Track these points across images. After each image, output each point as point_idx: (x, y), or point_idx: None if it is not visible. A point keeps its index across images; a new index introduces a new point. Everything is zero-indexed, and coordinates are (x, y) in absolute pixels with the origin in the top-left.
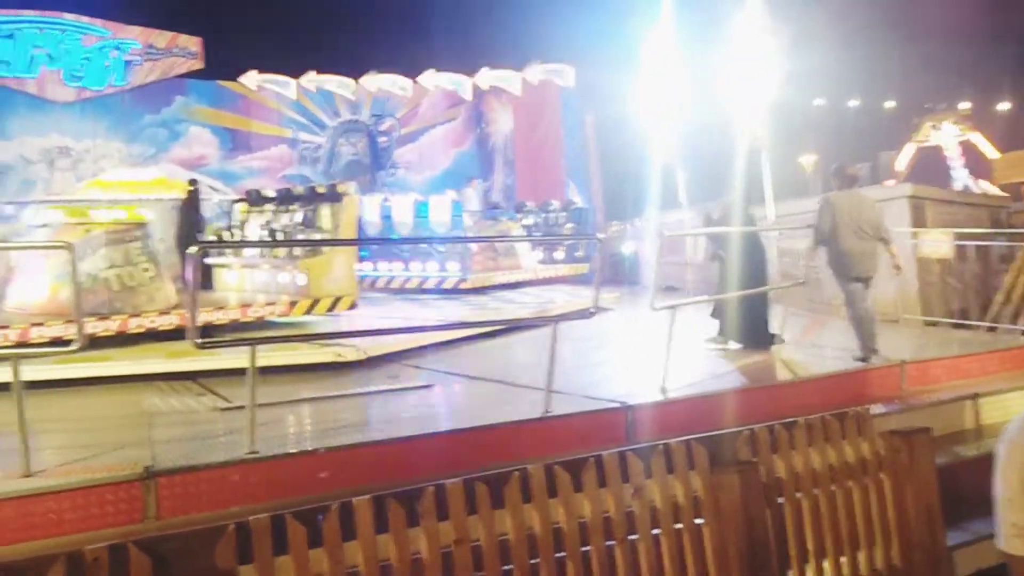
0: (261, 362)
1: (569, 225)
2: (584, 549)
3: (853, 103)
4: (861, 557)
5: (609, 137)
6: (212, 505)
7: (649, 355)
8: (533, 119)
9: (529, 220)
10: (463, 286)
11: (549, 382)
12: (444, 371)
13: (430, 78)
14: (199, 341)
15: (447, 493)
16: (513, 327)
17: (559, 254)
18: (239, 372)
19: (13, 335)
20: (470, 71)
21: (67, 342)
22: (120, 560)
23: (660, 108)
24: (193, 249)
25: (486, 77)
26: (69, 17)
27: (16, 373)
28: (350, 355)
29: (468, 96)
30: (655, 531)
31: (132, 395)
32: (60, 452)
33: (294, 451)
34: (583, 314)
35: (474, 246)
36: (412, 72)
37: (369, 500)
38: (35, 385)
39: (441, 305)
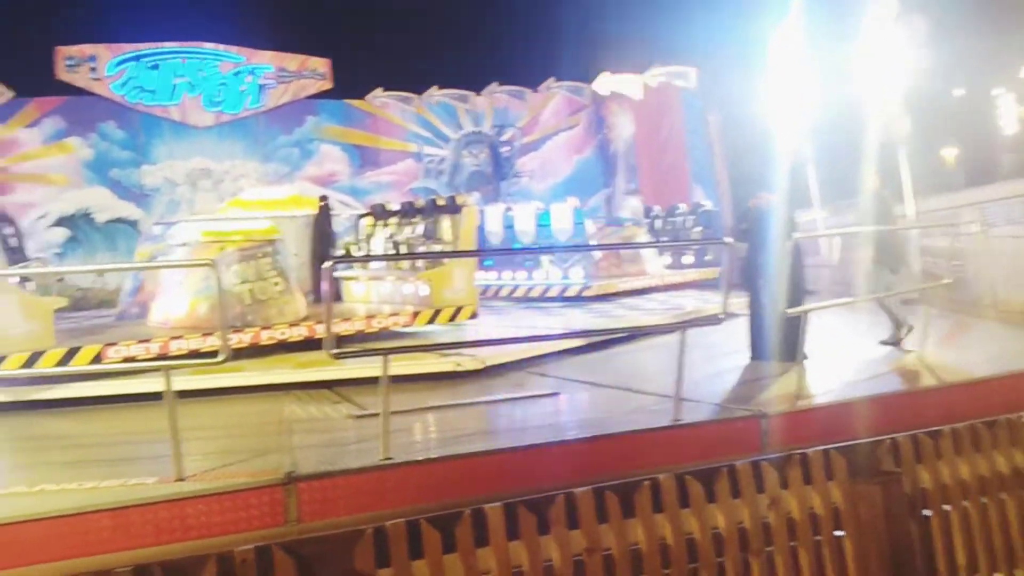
0: (366, 373)
1: (697, 229)
2: (718, 560)
3: (996, 92)
4: (1018, 574)
5: (735, 137)
6: (349, 509)
7: (782, 361)
8: (655, 122)
9: (655, 225)
10: (586, 293)
11: (678, 389)
12: (569, 379)
13: (550, 87)
14: (334, 352)
15: (577, 501)
16: (638, 334)
17: (687, 259)
18: (365, 380)
19: (155, 348)
20: (590, 78)
21: (206, 354)
22: (266, 561)
23: (788, 105)
24: (327, 264)
25: (606, 83)
26: (207, 46)
27: (168, 383)
28: (469, 364)
29: (588, 103)
30: (792, 543)
31: (267, 403)
32: (207, 458)
33: (427, 458)
34: (712, 320)
35: (597, 253)
36: (532, 82)
37: (501, 507)
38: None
39: (564, 313)
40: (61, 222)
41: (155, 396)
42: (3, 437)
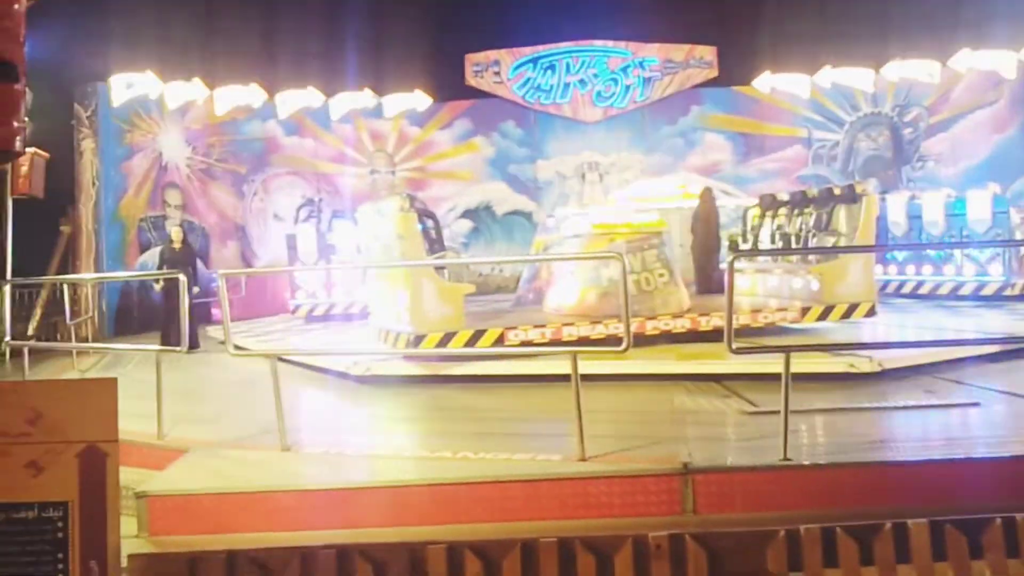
0: (771, 368)
1: None
2: None
3: None
4: None
5: None
6: (745, 506)
7: None
8: None
9: None
10: (1008, 292)
11: None
12: (988, 388)
13: (964, 59)
14: (735, 347)
15: (1018, 528)
16: None
17: None
18: (751, 376)
19: (549, 333)
20: (1015, 46)
21: (607, 341)
22: (678, 549)
23: None
24: (730, 257)
25: None
26: (597, 43)
27: (575, 368)
28: (864, 367)
29: (1012, 75)
30: None
31: (655, 392)
32: (605, 441)
33: (831, 462)
34: None
35: None
36: (941, 55)
37: (926, 524)
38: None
39: (979, 313)
40: (466, 214)
41: (546, 378)
42: (423, 406)
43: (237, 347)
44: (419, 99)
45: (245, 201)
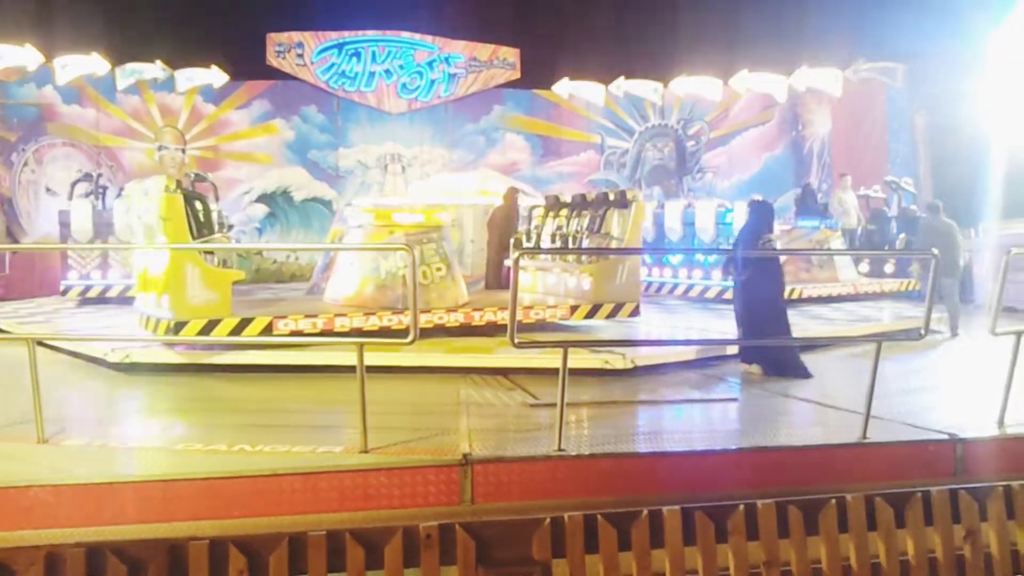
0: (544, 363)
1: (901, 236)
2: None
3: None
4: None
5: (942, 139)
6: (521, 495)
7: (986, 384)
8: (855, 120)
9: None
10: None
11: (868, 405)
12: (747, 385)
13: (743, 80)
14: (517, 341)
15: (758, 513)
16: (821, 344)
17: (889, 267)
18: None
19: (321, 323)
20: (786, 71)
21: (370, 333)
22: (448, 538)
23: (1006, 108)
24: (515, 255)
25: (803, 77)
26: (405, 35)
27: (361, 359)
28: (618, 363)
29: (783, 98)
30: None
31: (442, 385)
32: (389, 432)
33: (601, 452)
34: (911, 335)
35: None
36: (724, 74)
37: (679, 511)
38: (344, 370)
39: None
40: (262, 199)
41: (324, 368)
42: (194, 397)
43: None
44: (215, 75)
45: (13, 172)
